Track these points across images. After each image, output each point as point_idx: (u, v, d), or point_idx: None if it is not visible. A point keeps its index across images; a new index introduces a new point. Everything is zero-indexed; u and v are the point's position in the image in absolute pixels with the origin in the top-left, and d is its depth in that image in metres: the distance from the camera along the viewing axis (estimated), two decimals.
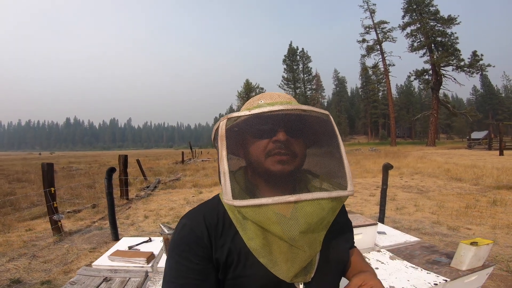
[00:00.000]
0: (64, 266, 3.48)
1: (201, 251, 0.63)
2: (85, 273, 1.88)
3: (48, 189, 4.42)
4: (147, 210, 6.40)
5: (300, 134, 0.63)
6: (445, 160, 15.27)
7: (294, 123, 0.62)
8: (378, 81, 69.48)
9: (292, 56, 66.70)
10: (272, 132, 0.62)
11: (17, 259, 3.73)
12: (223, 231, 0.65)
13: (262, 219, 0.57)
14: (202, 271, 0.63)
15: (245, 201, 0.56)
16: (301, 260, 0.60)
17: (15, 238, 4.57)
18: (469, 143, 30.93)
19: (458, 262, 1.53)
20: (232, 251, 0.63)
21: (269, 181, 0.64)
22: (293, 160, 0.63)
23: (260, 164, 0.63)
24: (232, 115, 0.63)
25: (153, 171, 14.15)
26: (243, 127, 0.62)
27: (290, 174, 0.62)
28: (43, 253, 3.93)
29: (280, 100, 0.68)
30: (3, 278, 3.17)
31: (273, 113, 0.60)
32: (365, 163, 14.56)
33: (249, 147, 0.65)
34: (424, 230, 4.48)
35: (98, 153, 75.00)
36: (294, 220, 0.56)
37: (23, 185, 10.60)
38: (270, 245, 0.61)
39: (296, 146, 0.64)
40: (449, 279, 1.41)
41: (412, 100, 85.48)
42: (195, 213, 0.69)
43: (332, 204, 0.59)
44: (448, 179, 9.26)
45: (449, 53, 38.18)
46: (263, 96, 0.71)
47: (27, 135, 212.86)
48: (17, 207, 6.69)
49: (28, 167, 19.20)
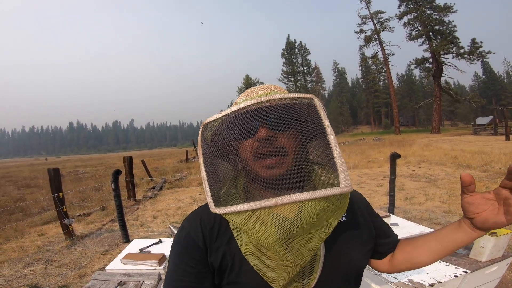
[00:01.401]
0: (78, 270, 3.51)
1: (197, 254, 0.62)
2: (99, 278, 1.89)
3: (56, 194, 4.45)
4: (155, 210, 6.43)
5: (282, 126, 0.57)
6: (451, 147, 15.12)
7: (273, 115, 0.56)
8: (378, 70, 68.90)
9: (290, 49, 66.18)
10: (252, 130, 0.58)
11: (33, 264, 3.76)
12: (218, 235, 0.64)
13: (243, 225, 0.53)
14: (198, 274, 0.62)
15: (223, 209, 0.54)
16: (288, 268, 0.54)
17: (29, 243, 4.62)
18: (474, 129, 30.57)
19: (478, 253, 1.50)
20: (226, 255, 0.61)
21: (263, 185, 0.61)
22: (284, 160, 0.57)
23: (250, 168, 0.60)
24: (206, 120, 0.59)
25: (159, 170, 14.20)
26: (219, 131, 0.59)
27: (282, 177, 0.57)
28: (57, 257, 3.97)
29: (260, 93, 0.63)
30: (21, 284, 3.20)
31: (244, 109, 0.55)
32: (370, 153, 14.48)
33: (234, 150, 0.62)
34: (436, 220, 4.44)
35: (103, 156, 75.58)
36: (272, 225, 0.51)
37: (32, 190, 10.71)
38: (262, 250, 0.56)
39: (282, 140, 0.58)
40: (469, 271, 1.38)
41: (414, 88, 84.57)
42: (193, 216, 0.68)
43: (323, 205, 0.50)
44: (456, 166, 9.17)
45: (448, 41, 37.82)
46: (246, 93, 0.67)
47: (32, 141, 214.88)
48: (27, 213, 6.77)
49: (35, 172, 19.39)
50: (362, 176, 8.75)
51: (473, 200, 0.56)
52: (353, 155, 14.23)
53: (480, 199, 0.55)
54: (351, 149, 18.67)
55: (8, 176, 18.18)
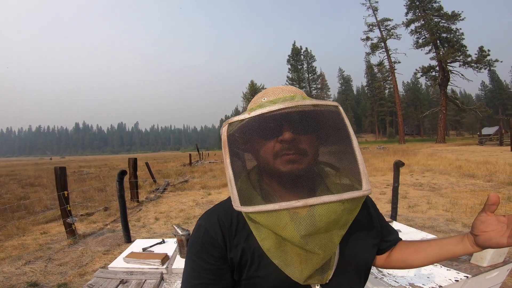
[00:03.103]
0: (79, 268, 3.51)
1: (216, 251, 0.63)
2: (102, 276, 1.90)
3: (62, 192, 4.49)
4: (158, 212, 6.45)
5: (306, 131, 0.60)
6: (456, 156, 15.00)
7: (299, 120, 0.59)
8: (384, 78, 68.90)
9: (296, 56, 66.61)
10: (277, 132, 0.59)
11: (33, 262, 3.77)
12: (237, 231, 0.65)
13: (270, 224, 0.56)
14: (217, 271, 0.63)
15: (251, 208, 0.56)
16: (315, 262, 0.58)
17: (30, 241, 4.65)
18: (480, 139, 30.28)
19: (479, 258, 1.50)
20: (246, 251, 0.63)
21: (281, 182, 0.62)
22: (304, 158, 0.60)
23: (270, 165, 0.61)
24: (233, 119, 0.61)
25: (162, 173, 14.26)
26: (245, 131, 0.60)
27: (302, 173, 0.59)
28: (58, 256, 3.98)
29: (283, 95, 0.65)
30: (20, 281, 3.21)
31: (274, 112, 0.57)
32: (373, 162, 14.42)
33: (256, 150, 0.63)
34: (439, 228, 4.41)
35: (107, 157, 75.93)
36: (301, 223, 0.54)
37: (36, 189, 10.80)
38: (283, 245, 0.59)
39: (305, 144, 0.61)
40: (470, 275, 1.38)
41: (419, 97, 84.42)
42: (210, 214, 0.70)
43: (346, 206, 0.55)
44: (461, 176, 9.10)
45: (455, 49, 37.68)
46: (266, 93, 0.68)
47: (37, 141, 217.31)
48: (31, 211, 6.81)
49: (40, 171, 19.56)
50: None
51: (487, 219, 0.59)
52: None
53: (493, 220, 0.59)
54: None
55: (12, 174, 18.34)
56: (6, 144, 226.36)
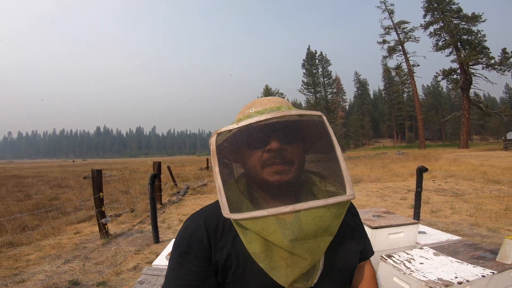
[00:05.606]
0: (114, 267, 3.64)
1: (201, 253, 0.64)
2: (149, 273, 2.05)
3: (98, 194, 4.70)
4: (181, 214, 6.67)
5: (293, 140, 0.62)
6: (480, 162, 14.53)
7: (285, 130, 0.61)
8: (402, 82, 67.39)
9: (311, 60, 66.10)
10: (264, 142, 0.61)
11: (72, 261, 3.91)
12: (223, 234, 0.66)
13: (258, 229, 0.57)
14: (201, 273, 0.64)
15: (240, 215, 0.58)
16: (302, 266, 0.59)
17: (66, 240, 4.88)
18: (505, 144, 29.11)
19: (504, 256, 1.57)
20: (231, 254, 0.63)
21: (269, 191, 0.64)
22: (290, 168, 0.62)
23: (258, 175, 0.63)
24: (221, 129, 0.63)
25: (181, 177, 14.60)
26: (233, 141, 0.62)
27: (289, 183, 0.61)
28: (94, 255, 4.14)
29: (270, 106, 0.67)
30: (63, 279, 3.32)
31: (261, 123, 0.60)
32: (393, 167, 14.19)
33: (244, 159, 0.65)
34: (463, 232, 4.37)
35: (126, 160, 77.68)
36: (289, 229, 0.55)
37: (64, 190, 11.33)
38: (270, 249, 0.60)
39: (292, 153, 0.63)
40: (496, 272, 1.47)
41: (440, 100, 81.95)
42: (197, 216, 0.71)
43: (332, 211, 0.58)
44: (485, 181, 8.86)
45: (477, 51, 36.45)
46: (254, 104, 0.71)
47: (61, 144, 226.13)
48: (63, 211, 7.19)
49: (65, 173, 20.37)
50: (385, 189, 8.64)
51: None
52: (375, 169, 14.02)
53: None
54: (373, 162, 18.35)
55: (40, 176, 19.15)
56: (32, 146, 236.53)
